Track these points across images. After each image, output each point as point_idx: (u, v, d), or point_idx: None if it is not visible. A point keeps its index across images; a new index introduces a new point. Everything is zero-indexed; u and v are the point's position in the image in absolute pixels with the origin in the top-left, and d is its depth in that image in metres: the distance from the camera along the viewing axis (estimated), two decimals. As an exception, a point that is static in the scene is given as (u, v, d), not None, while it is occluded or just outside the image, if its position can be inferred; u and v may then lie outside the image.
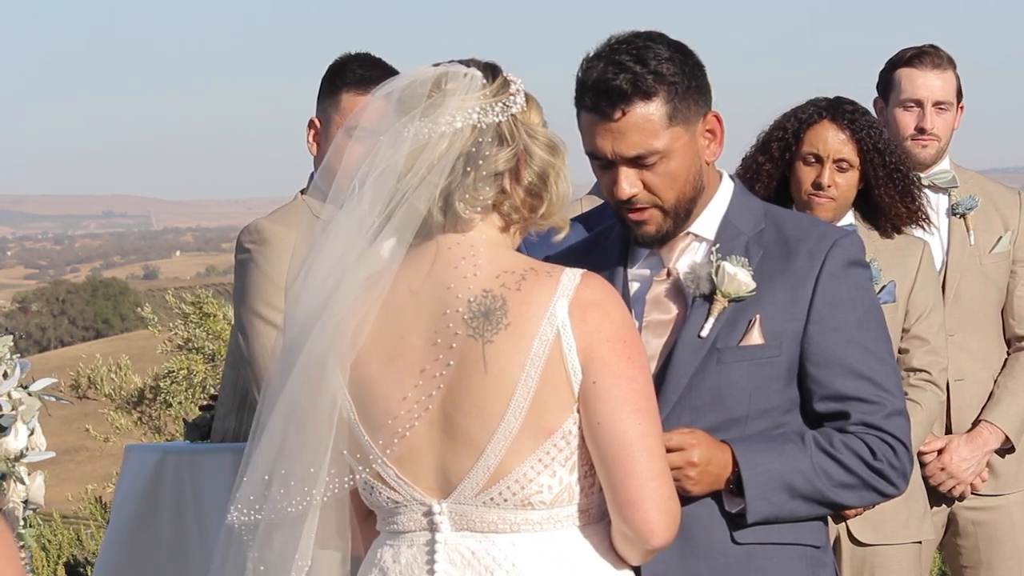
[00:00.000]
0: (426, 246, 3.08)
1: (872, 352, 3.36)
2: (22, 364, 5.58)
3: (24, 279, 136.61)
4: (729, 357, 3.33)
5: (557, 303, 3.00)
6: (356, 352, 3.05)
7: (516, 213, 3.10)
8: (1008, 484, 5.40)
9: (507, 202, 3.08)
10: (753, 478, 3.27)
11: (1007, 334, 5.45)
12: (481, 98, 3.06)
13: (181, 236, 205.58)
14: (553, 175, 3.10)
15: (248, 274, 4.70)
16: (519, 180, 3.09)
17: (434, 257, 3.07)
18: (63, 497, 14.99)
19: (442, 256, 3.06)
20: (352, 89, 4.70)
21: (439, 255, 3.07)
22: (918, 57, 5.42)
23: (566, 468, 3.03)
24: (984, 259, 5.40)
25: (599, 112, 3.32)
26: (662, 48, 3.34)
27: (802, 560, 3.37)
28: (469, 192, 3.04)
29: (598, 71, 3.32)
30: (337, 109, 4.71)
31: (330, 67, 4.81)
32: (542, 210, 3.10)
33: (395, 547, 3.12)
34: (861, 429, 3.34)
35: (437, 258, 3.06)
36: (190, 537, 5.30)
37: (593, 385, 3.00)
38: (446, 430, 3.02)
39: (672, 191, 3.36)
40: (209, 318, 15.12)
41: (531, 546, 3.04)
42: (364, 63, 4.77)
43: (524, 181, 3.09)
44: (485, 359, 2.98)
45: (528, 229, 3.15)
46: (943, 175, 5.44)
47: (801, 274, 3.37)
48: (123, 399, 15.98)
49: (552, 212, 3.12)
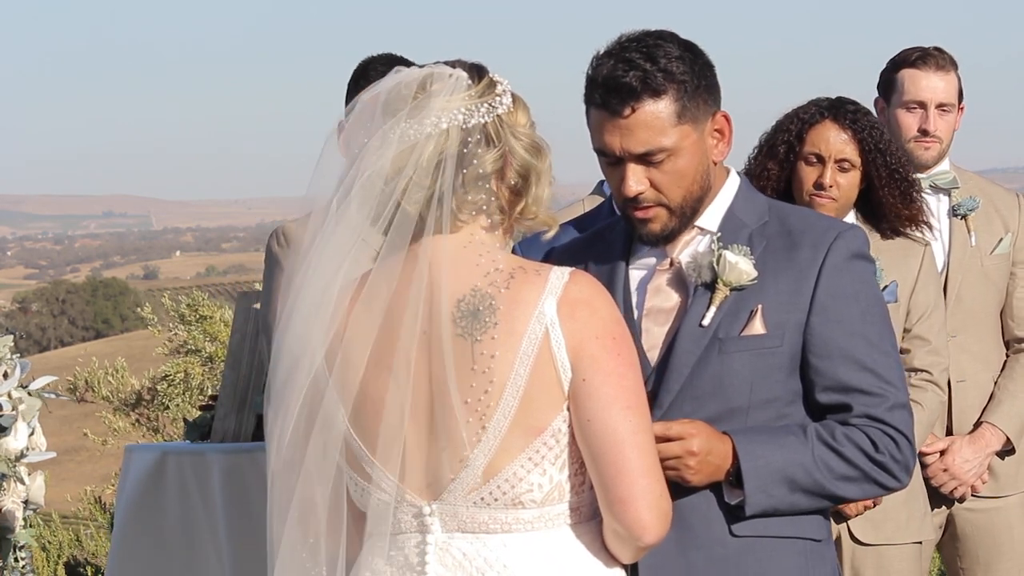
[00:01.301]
0: (414, 247, 3.07)
1: (875, 345, 3.36)
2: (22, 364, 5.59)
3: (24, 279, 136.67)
4: (731, 347, 3.33)
5: (545, 301, 3.00)
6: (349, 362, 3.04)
7: (501, 213, 3.10)
8: (1007, 486, 5.40)
9: (494, 202, 3.08)
10: (753, 470, 3.26)
11: (1007, 336, 5.45)
12: (466, 99, 3.05)
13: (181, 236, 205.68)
14: (534, 176, 3.10)
15: (273, 275, 4.80)
16: (503, 180, 3.09)
17: (422, 258, 3.06)
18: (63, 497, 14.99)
19: (429, 257, 3.05)
20: None
21: (427, 256, 3.06)
22: (922, 59, 5.41)
23: (556, 466, 3.02)
24: (985, 260, 5.40)
25: (608, 109, 3.32)
26: (672, 47, 3.34)
27: (801, 554, 3.36)
28: (458, 194, 3.04)
29: (608, 68, 3.32)
30: None
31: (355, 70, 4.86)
32: (519, 207, 3.10)
33: (386, 549, 3.11)
34: (864, 421, 3.33)
35: (425, 259, 3.06)
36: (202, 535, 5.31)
37: (583, 382, 3.00)
38: (435, 430, 3.01)
39: (679, 189, 3.37)
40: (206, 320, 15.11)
41: (522, 546, 3.03)
42: (386, 62, 4.80)
43: (509, 181, 3.09)
44: (474, 358, 2.98)
45: (513, 228, 3.15)
46: (944, 176, 5.44)
47: (804, 265, 3.37)
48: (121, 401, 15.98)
49: (529, 212, 3.11)
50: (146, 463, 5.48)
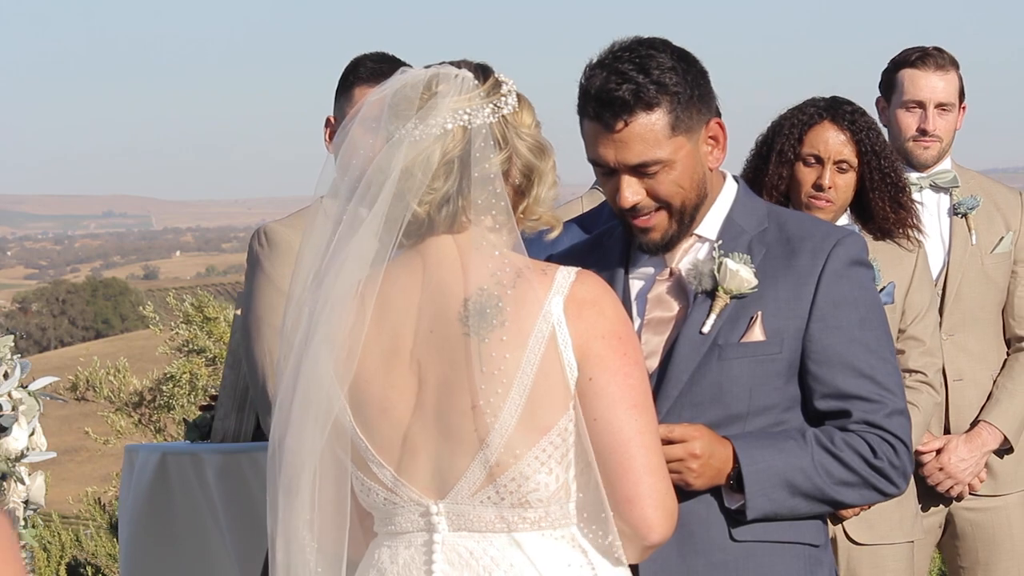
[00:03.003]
0: (421, 246, 3.08)
1: (874, 351, 3.36)
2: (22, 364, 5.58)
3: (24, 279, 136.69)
4: (730, 353, 3.33)
5: (552, 300, 3.00)
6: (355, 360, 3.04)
7: (507, 213, 3.10)
8: (1006, 485, 5.40)
9: (500, 203, 3.08)
10: (754, 474, 3.27)
11: (1007, 334, 5.46)
12: (472, 100, 3.05)
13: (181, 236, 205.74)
14: (538, 176, 3.11)
15: (255, 278, 4.73)
16: (508, 180, 3.08)
17: (429, 257, 3.06)
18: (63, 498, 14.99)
19: (436, 256, 3.06)
20: (364, 83, 4.73)
21: (434, 255, 3.06)
22: (922, 58, 5.42)
23: (563, 466, 3.02)
24: (985, 259, 5.40)
25: (602, 122, 3.32)
26: (665, 57, 3.33)
27: (800, 559, 3.37)
28: (465, 195, 3.03)
29: (600, 80, 3.31)
30: (351, 104, 4.73)
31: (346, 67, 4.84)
32: (522, 207, 3.10)
33: (392, 548, 3.11)
34: (863, 428, 3.33)
35: (432, 258, 3.06)
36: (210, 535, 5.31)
37: (589, 382, 3.00)
38: (442, 429, 3.01)
39: (676, 198, 3.37)
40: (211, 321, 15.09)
41: (529, 545, 3.03)
42: (376, 59, 4.80)
43: (513, 181, 3.09)
44: (481, 357, 2.98)
45: (518, 228, 3.15)
46: (944, 175, 5.45)
47: (804, 272, 3.37)
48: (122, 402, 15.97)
49: (532, 212, 3.11)
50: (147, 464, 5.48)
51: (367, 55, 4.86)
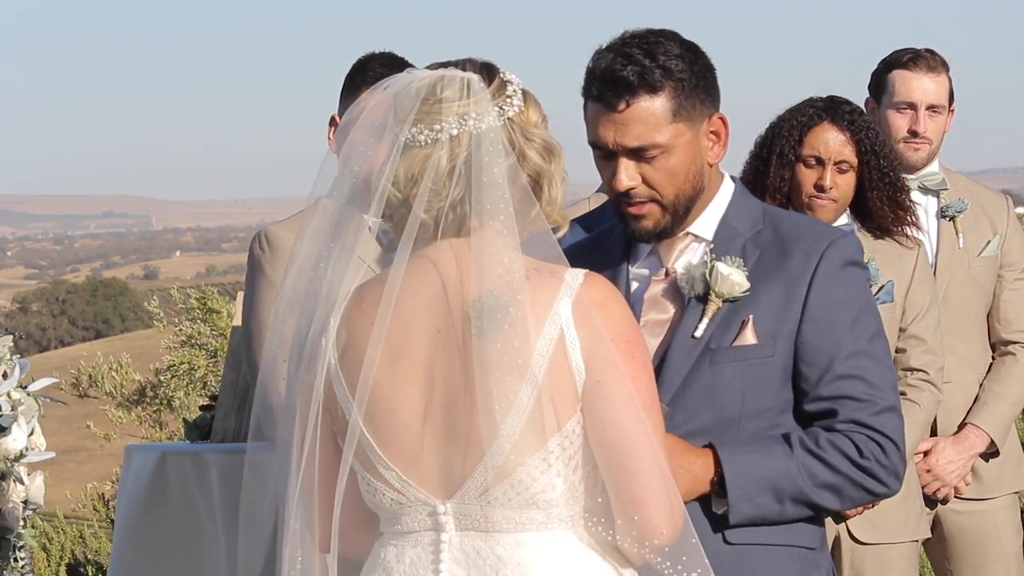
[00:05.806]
0: (429, 250, 3.06)
1: (865, 352, 3.34)
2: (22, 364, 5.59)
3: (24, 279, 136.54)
4: (722, 357, 3.33)
5: (561, 303, 2.99)
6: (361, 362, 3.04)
7: (514, 216, 3.10)
8: (992, 488, 5.39)
9: (507, 207, 3.07)
10: (736, 479, 3.26)
11: (992, 338, 5.46)
12: (478, 103, 3.03)
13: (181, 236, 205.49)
14: (547, 179, 3.10)
15: (255, 281, 4.72)
16: (516, 183, 3.07)
17: (437, 260, 3.05)
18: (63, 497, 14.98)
19: (445, 259, 3.05)
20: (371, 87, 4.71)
21: (442, 258, 3.05)
22: (914, 60, 5.42)
23: (570, 467, 3.01)
24: (973, 262, 5.41)
25: (604, 102, 3.33)
26: (673, 45, 3.35)
27: (795, 561, 3.35)
28: (473, 199, 3.02)
29: (607, 61, 3.34)
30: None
31: (352, 66, 4.82)
32: (534, 212, 3.08)
33: (399, 547, 3.10)
34: (849, 427, 3.31)
35: (440, 261, 3.05)
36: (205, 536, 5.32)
37: (597, 384, 2.99)
38: (449, 430, 3.01)
39: (671, 187, 3.37)
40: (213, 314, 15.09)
41: (536, 545, 3.02)
42: (385, 62, 4.76)
43: (520, 184, 3.07)
44: (489, 359, 2.97)
45: (526, 230, 3.15)
46: (933, 177, 5.45)
47: (796, 274, 3.36)
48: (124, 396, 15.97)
49: (546, 214, 3.11)
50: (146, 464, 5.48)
51: (374, 55, 4.83)
